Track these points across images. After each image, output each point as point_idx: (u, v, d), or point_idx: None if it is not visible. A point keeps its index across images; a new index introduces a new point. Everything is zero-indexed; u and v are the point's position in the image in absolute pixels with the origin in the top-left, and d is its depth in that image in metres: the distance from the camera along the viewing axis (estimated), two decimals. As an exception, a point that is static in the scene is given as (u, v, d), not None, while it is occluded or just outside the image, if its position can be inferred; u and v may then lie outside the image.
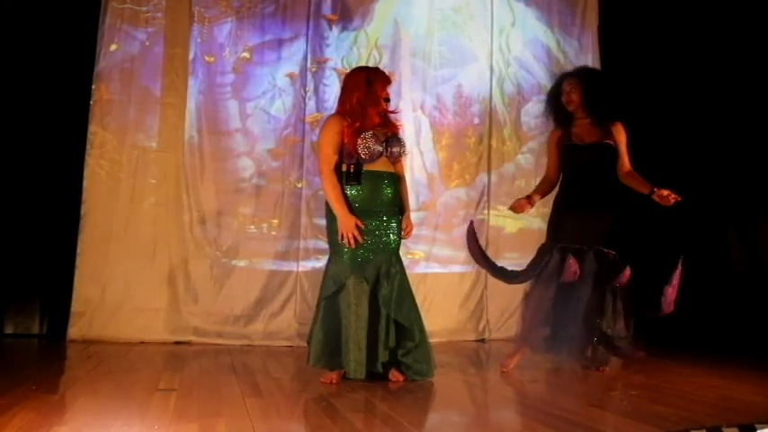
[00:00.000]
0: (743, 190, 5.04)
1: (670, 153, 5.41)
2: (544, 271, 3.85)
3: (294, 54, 5.23)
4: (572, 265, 3.74)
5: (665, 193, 3.72)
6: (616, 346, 3.87)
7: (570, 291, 3.79)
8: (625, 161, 3.97)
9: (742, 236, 5.08)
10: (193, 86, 5.08)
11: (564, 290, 3.80)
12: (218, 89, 5.13)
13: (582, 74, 4.08)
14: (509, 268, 4.07)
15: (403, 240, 3.64)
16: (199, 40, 5.12)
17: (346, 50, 5.30)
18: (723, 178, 5.14)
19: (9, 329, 4.86)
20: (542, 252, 3.95)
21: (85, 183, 4.87)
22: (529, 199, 3.96)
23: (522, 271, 4.00)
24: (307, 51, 5.24)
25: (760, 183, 4.92)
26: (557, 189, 4.06)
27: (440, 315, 5.15)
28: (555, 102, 4.06)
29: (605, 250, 3.85)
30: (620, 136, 3.98)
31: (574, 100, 3.95)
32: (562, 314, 3.81)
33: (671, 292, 3.77)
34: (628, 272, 3.81)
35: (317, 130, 4.90)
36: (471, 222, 4.13)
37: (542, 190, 4.07)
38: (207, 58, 5.12)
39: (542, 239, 4.07)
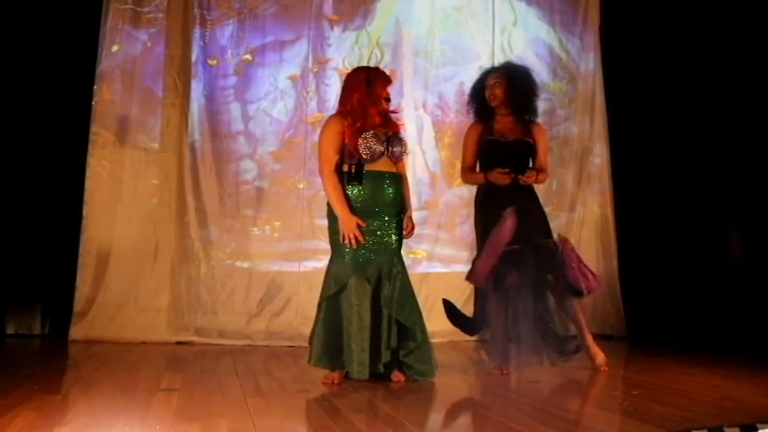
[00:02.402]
0: (744, 188, 5.04)
1: (671, 150, 5.41)
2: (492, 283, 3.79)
3: (296, 56, 5.24)
4: (510, 273, 3.71)
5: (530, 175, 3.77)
6: (566, 348, 3.86)
7: (516, 298, 3.76)
8: (542, 159, 3.95)
9: (742, 234, 5.08)
10: (196, 89, 5.09)
11: (512, 298, 3.77)
12: (221, 92, 5.14)
13: (507, 70, 4.02)
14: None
15: (405, 240, 3.64)
16: (201, 42, 5.13)
17: (348, 50, 5.30)
18: (724, 176, 5.13)
19: (11, 329, 4.87)
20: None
21: (87, 183, 4.88)
22: (488, 172, 3.87)
23: (478, 317, 3.97)
24: (308, 52, 5.24)
25: (761, 181, 4.91)
26: (476, 190, 4.01)
27: (441, 315, 5.11)
28: (478, 96, 4.00)
29: (544, 241, 3.82)
30: (540, 136, 3.96)
31: (497, 95, 3.89)
32: (516, 317, 3.79)
33: (579, 274, 3.76)
34: (569, 248, 3.81)
35: (319, 131, 4.92)
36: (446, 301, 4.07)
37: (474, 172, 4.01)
38: (209, 61, 5.13)
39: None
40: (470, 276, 3.94)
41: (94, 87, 4.95)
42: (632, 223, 5.60)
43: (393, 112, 3.68)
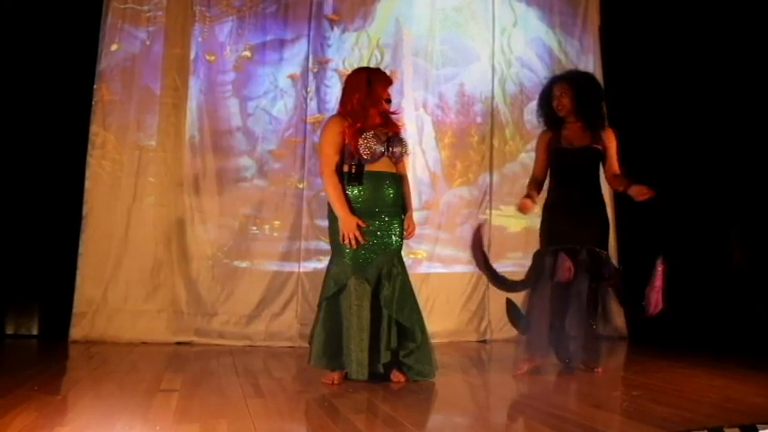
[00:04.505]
0: (744, 189, 5.04)
1: (670, 151, 5.41)
2: (541, 276, 3.85)
3: (296, 55, 5.23)
4: (565, 262, 3.75)
5: (636, 189, 3.74)
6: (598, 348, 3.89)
7: (567, 289, 3.81)
8: (613, 164, 3.98)
9: (743, 234, 5.08)
10: (194, 86, 5.08)
11: (561, 289, 3.81)
12: (219, 87, 5.13)
13: (573, 78, 4.07)
14: (509, 277, 4.08)
15: (405, 240, 3.64)
16: (200, 38, 5.12)
17: (348, 51, 5.30)
18: (724, 177, 5.13)
19: (11, 330, 4.86)
20: (538, 258, 3.95)
21: (87, 183, 4.87)
22: (530, 198, 3.98)
23: (520, 281, 4.01)
24: (308, 52, 5.24)
25: (761, 182, 4.91)
26: (545, 194, 4.08)
27: (441, 315, 5.16)
28: (546, 105, 4.06)
29: (597, 250, 3.87)
30: (611, 141, 3.99)
31: (565, 105, 3.96)
32: (562, 313, 3.83)
33: (654, 295, 3.79)
34: (618, 276, 3.87)
35: (319, 131, 4.91)
36: (479, 228, 4.10)
37: (534, 187, 4.09)
38: (208, 57, 5.13)
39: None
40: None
41: (94, 87, 4.94)
42: (632, 224, 5.60)
43: (393, 113, 3.69)
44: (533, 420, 2.65)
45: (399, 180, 3.60)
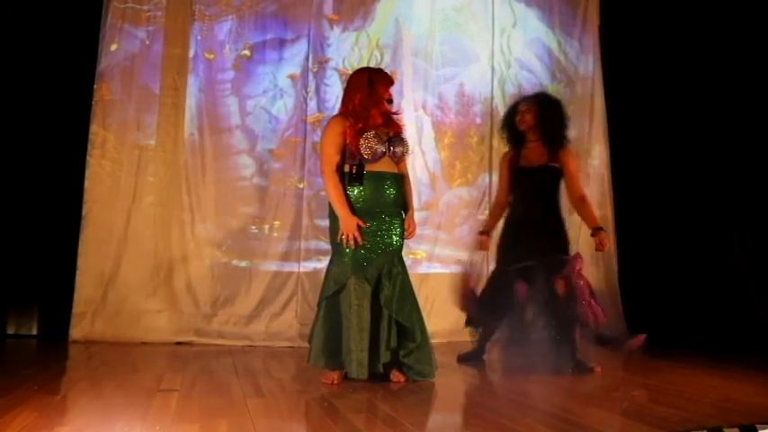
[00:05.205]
0: (745, 189, 5.03)
1: (670, 152, 5.41)
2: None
3: (296, 55, 5.23)
4: (520, 289, 3.85)
5: (602, 238, 3.89)
6: (606, 339, 3.90)
7: (522, 311, 3.89)
8: (574, 186, 4.04)
9: (742, 234, 5.08)
10: (193, 84, 5.08)
11: (518, 310, 3.89)
12: (218, 86, 5.13)
13: (539, 98, 4.21)
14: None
15: (406, 240, 3.64)
16: (199, 37, 5.12)
17: (347, 51, 5.30)
18: (724, 176, 5.13)
19: (11, 330, 4.86)
20: (493, 280, 4.09)
21: (87, 183, 4.87)
22: (486, 235, 4.19)
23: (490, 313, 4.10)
24: (308, 51, 5.24)
25: (762, 182, 4.91)
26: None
27: (441, 316, 5.15)
28: (509, 121, 4.18)
29: (555, 256, 3.89)
30: (569, 160, 4.06)
31: (527, 120, 4.07)
32: (523, 328, 3.90)
33: (590, 311, 3.82)
34: (580, 262, 3.88)
35: (319, 131, 4.92)
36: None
37: (496, 215, 4.25)
38: (207, 55, 5.13)
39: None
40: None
41: (94, 87, 4.94)
42: (631, 224, 5.61)
43: (395, 113, 3.69)
44: (533, 420, 2.65)
45: (400, 180, 3.60)
